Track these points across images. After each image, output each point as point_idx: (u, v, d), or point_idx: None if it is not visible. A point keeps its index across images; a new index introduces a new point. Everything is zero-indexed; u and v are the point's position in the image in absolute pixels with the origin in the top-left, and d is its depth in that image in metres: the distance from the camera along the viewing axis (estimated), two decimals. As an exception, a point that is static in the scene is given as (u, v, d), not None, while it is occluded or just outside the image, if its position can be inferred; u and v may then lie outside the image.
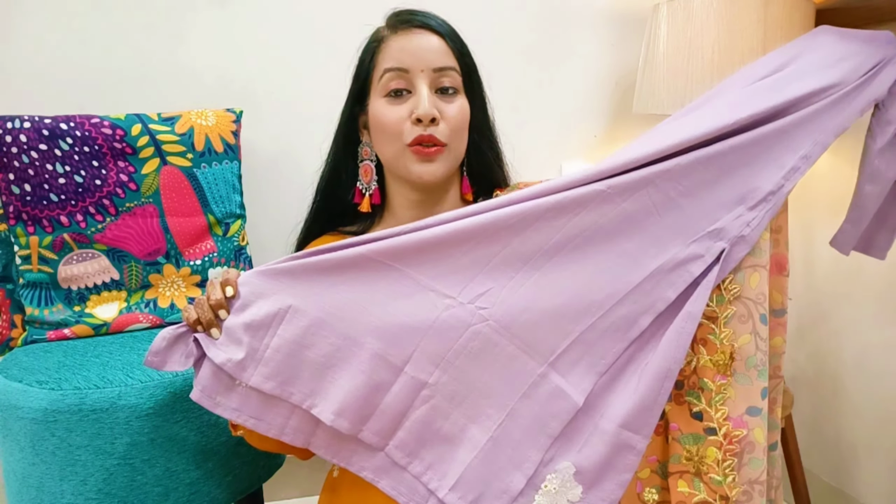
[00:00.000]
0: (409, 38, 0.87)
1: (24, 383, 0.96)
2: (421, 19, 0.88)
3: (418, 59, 0.86)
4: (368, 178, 0.93)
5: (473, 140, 0.92)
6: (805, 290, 1.51)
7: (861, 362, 1.40)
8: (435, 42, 0.87)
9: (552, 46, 1.61)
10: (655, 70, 1.36)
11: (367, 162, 0.94)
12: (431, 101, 0.84)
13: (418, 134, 0.84)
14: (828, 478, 1.48)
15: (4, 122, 1.10)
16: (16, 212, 1.12)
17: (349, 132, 0.95)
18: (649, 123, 1.68)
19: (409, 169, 0.86)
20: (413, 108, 0.85)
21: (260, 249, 1.38)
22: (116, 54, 1.37)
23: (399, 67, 0.86)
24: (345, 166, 0.96)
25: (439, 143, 0.85)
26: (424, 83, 0.85)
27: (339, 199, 0.96)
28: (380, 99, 0.88)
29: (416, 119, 0.84)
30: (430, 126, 0.84)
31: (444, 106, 0.86)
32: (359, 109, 0.94)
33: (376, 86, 0.89)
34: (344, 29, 1.48)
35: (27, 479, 0.97)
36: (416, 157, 0.85)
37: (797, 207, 1.53)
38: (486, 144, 0.95)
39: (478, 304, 0.72)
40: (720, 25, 1.25)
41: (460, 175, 0.96)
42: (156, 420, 0.97)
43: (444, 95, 0.87)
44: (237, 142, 1.29)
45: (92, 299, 1.18)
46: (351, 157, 0.96)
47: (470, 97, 0.91)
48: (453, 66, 0.88)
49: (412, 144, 0.85)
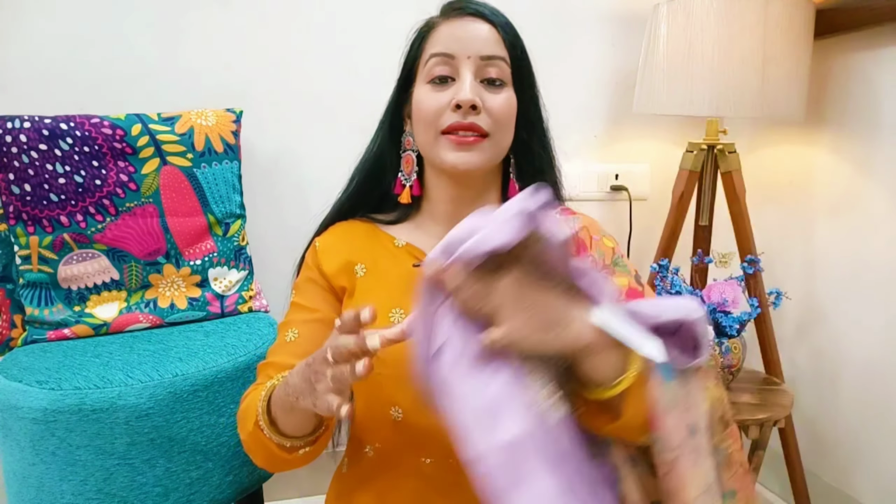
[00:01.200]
0: (459, 24, 0.83)
1: (24, 383, 0.96)
2: (474, 7, 0.84)
3: (465, 46, 0.82)
4: (409, 168, 0.89)
5: (521, 138, 0.87)
6: (805, 290, 1.52)
7: (861, 362, 1.40)
8: (485, 30, 0.83)
9: (552, 46, 1.61)
10: (655, 70, 1.36)
11: (409, 152, 0.89)
12: (474, 88, 0.80)
13: (456, 121, 0.80)
14: (828, 478, 1.48)
15: (4, 122, 1.10)
16: (16, 212, 1.12)
17: (394, 120, 0.90)
18: (649, 123, 1.69)
19: (442, 157, 0.82)
20: (454, 94, 0.81)
21: (260, 249, 1.38)
22: (116, 54, 1.37)
23: (445, 53, 0.82)
24: (389, 155, 0.91)
25: (480, 132, 0.80)
26: (469, 70, 0.81)
27: (377, 186, 0.92)
28: (423, 85, 0.84)
29: (455, 105, 0.80)
30: (471, 114, 0.80)
31: (488, 96, 0.82)
32: (405, 98, 0.89)
33: (422, 71, 0.85)
34: (344, 29, 1.49)
35: (27, 479, 0.97)
36: (451, 144, 0.81)
37: (797, 207, 1.53)
38: (536, 144, 0.89)
39: None
40: (720, 25, 1.25)
41: (503, 174, 0.91)
42: (156, 420, 0.97)
43: (489, 86, 0.82)
44: (237, 142, 1.29)
45: (92, 299, 1.18)
46: (395, 146, 0.91)
47: (519, 91, 0.85)
48: (503, 55, 0.83)
49: (447, 131, 0.81)
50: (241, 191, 1.29)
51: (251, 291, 1.31)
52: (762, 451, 1.32)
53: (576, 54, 1.64)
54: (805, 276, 1.52)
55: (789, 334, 1.56)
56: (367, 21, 1.48)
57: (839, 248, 1.43)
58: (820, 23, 1.34)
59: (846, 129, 1.39)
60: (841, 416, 1.45)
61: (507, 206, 0.58)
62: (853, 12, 1.30)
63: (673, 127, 1.72)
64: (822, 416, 1.49)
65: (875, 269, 1.35)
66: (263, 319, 1.25)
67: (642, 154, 1.73)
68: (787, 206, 1.56)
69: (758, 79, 1.26)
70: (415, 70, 0.87)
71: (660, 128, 1.72)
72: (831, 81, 1.41)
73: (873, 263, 1.35)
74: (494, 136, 0.82)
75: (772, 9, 1.24)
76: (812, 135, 1.48)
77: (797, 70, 1.29)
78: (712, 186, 1.46)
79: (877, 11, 1.25)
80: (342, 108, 1.50)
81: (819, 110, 1.44)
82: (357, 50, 1.49)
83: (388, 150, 0.91)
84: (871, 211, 1.35)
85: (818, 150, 1.47)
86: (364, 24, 1.48)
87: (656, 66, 1.36)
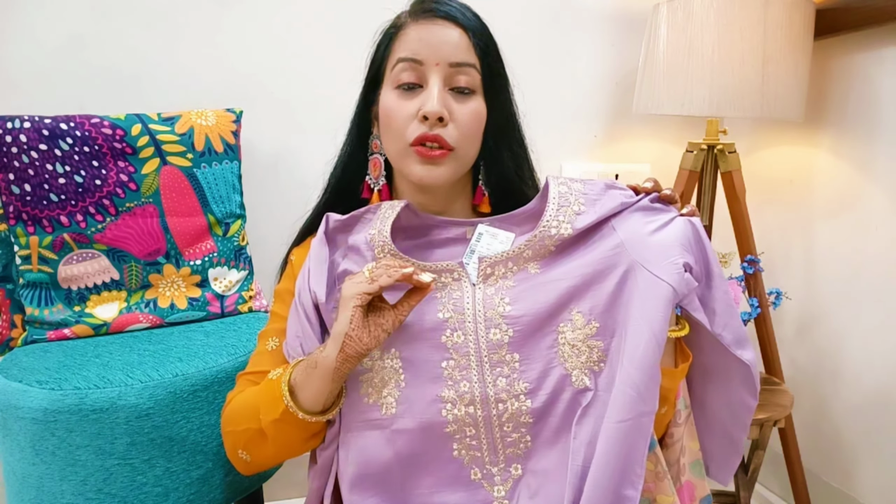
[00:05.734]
0: (428, 28, 0.80)
1: (24, 383, 0.96)
2: (445, 9, 0.81)
3: (434, 52, 0.79)
4: (377, 172, 0.88)
5: (489, 145, 0.85)
6: (805, 290, 1.52)
7: (861, 362, 1.40)
8: (455, 35, 0.80)
9: (552, 46, 1.61)
10: (655, 70, 1.36)
11: (377, 155, 0.88)
12: (441, 99, 0.78)
13: (422, 132, 0.78)
14: (828, 478, 1.48)
15: (4, 122, 1.10)
16: (16, 212, 1.12)
17: (361, 122, 0.89)
18: (649, 123, 1.69)
19: (410, 169, 0.81)
20: (422, 104, 0.79)
21: (260, 249, 1.38)
22: (116, 54, 1.37)
23: (413, 58, 0.79)
24: (356, 158, 0.90)
25: (445, 146, 0.79)
26: (438, 78, 0.79)
27: (348, 191, 0.91)
28: (390, 91, 0.82)
29: (422, 116, 0.78)
30: (437, 126, 0.78)
31: (455, 106, 0.80)
32: (372, 99, 0.87)
33: (388, 75, 0.83)
34: (344, 28, 1.49)
35: (27, 479, 0.97)
36: (418, 157, 0.80)
37: (797, 207, 1.53)
38: (505, 153, 0.87)
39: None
40: (720, 25, 1.25)
41: (473, 181, 0.90)
42: (156, 420, 0.97)
43: (458, 95, 0.80)
44: (237, 142, 1.29)
45: (92, 299, 1.18)
46: (362, 149, 0.90)
47: (489, 100, 0.83)
48: (473, 62, 0.80)
49: (415, 143, 0.79)
50: (241, 191, 1.29)
51: (251, 291, 1.31)
52: (762, 451, 1.31)
53: (576, 54, 1.64)
54: (805, 276, 1.52)
55: (789, 334, 1.56)
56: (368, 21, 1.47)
57: (839, 248, 1.43)
58: (820, 23, 1.34)
59: (846, 129, 1.40)
60: (841, 416, 1.45)
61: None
62: (853, 12, 1.30)
63: (673, 127, 1.72)
64: (822, 416, 1.49)
65: (875, 269, 1.35)
66: (263, 319, 1.25)
67: (642, 154, 1.73)
68: (787, 206, 1.56)
69: (758, 79, 1.26)
70: (382, 72, 0.85)
71: (660, 128, 1.72)
72: (831, 81, 1.41)
73: (873, 263, 1.35)
74: (459, 150, 0.81)
75: (772, 9, 1.24)
76: (812, 135, 1.48)
77: (797, 70, 1.29)
78: (712, 186, 1.46)
79: (877, 11, 1.25)
80: (342, 108, 1.48)
81: (819, 110, 1.44)
82: (357, 50, 1.48)
83: (357, 154, 0.90)
84: (871, 211, 1.35)
85: (818, 150, 1.47)
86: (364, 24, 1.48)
87: (656, 66, 1.36)
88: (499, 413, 0.73)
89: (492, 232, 0.80)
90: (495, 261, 0.77)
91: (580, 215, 0.76)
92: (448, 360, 0.74)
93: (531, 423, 0.73)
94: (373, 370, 0.76)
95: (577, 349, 0.73)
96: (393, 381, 0.75)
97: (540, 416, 0.73)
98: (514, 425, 0.73)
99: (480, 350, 0.74)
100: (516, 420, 0.73)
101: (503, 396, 0.73)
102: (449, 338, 0.75)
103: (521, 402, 0.73)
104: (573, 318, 0.74)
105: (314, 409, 0.74)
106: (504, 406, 0.73)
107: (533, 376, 0.73)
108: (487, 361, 0.74)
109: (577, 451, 0.70)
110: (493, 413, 0.73)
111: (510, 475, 0.74)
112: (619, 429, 0.67)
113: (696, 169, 1.45)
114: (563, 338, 0.74)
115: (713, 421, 0.83)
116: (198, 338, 1.15)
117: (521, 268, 0.77)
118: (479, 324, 0.75)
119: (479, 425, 0.73)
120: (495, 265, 0.77)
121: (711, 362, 0.79)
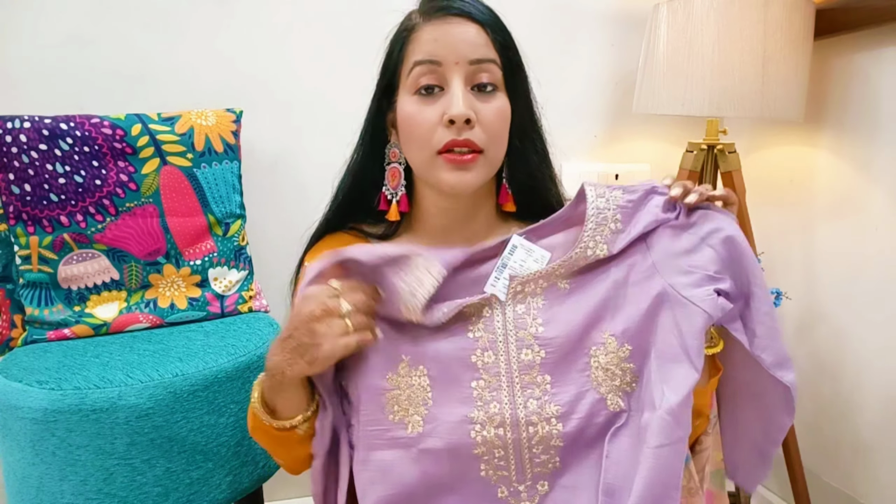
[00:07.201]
0: (443, 26, 0.76)
1: (24, 383, 0.96)
2: (458, 5, 0.77)
3: (453, 51, 0.75)
4: (396, 182, 0.84)
5: (514, 145, 0.82)
6: (805, 290, 1.51)
7: (861, 362, 1.40)
8: (472, 31, 0.76)
9: (552, 46, 1.61)
10: (655, 70, 1.36)
11: (395, 165, 0.84)
12: (466, 100, 0.75)
13: (451, 138, 0.75)
14: (828, 478, 1.48)
15: (4, 122, 1.10)
16: (16, 212, 1.12)
17: (376, 131, 0.85)
18: (649, 123, 1.69)
19: (439, 178, 0.77)
20: (445, 107, 0.75)
21: (260, 249, 1.38)
22: (116, 54, 1.37)
23: (430, 60, 0.76)
24: (370, 169, 0.86)
25: (475, 149, 0.76)
26: (459, 78, 0.75)
27: (362, 202, 0.87)
28: (409, 96, 0.78)
29: (448, 120, 0.74)
30: (465, 129, 0.75)
31: (480, 105, 0.76)
32: (386, 106, 0.83)
33: (405, 81, 0.79)
34: (344, 28, 1.49)
35: (27, 479, 0.97)
36: (448, 164, 0.76)
37: (797, 207, 1.53)
38: (530, 150, 0.84)
39: None
40: (720, 25, 1.25)
41: (497, 182, 0.86)
42: (156, 420, 0.97)
43: (481, 93, 0.77)
44: (237, 142, 1.29)
45: (92, 299, 1.18)
46: (377, 160, 0.85)
47: (512, 95, 0.80)
48: (493, 58, 0.77)
49: (443, 151, 0.76)
50: (241, 191, 1.29)
51: (251, 291, 1.31)
52: (762, 451, 1.31)
53: (576, 54, 1.64)
54: (805, 276, 1.52)
55: (789, 334, 1.56)
56: (368, 21, 1.48)
57: (839, 248, 1.43)
58: (820, 23, 1.34)
59: (846, 129, 1.39)
60: (841, 415, 1.45)
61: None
62: (853, 12, 1.30)
63: (673, 127, 1.72)
64: (822, 416, 1.49)
65: (875, 269, 1.35)
66: (263, 319, 1.25)
67: (642, 154, 1.73)
68: (787, 206, 1.56)
69: (758, 79, 1.26)
70: (397, 78, 0.81)
71: (660, 128, 1.72)
72: (831, 81, 1.41)
73: (873, 263, 1.35)
74: (489, 152, 0.78)
75: (772, 9, 1.24)
76: (812, 135, 1.48)
77: (797, 70, 1.29)
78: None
79: (877, 11, 1.25)
80: (343, 108, 1.49)
81: (819, 110, 1.44)
82: (358, 49, 1.49)
83: (371, 165, 0.86)
84: (871, 211, 1.35)
85: (818, 150, 1.47)
86: (365, 23, 1.48)
87: (656, 66, 1.36)
88: (529, 436, 0.71)
89: (527, 247, 0.76)
90: (527, 279, 0.74)
91: (616, 234, 0.73)
92: (478, 379, 0.72)
93: (561, 447, 0.71)
94: (399, 387, 0.73)
95: (611, 373, 0.71)
96: (420, 398, 0.72)
97: (572, 440, 0.71)
98: (543, 447, 0.71)
99: (511, 371, 0.72)
100: (546, 443, 0.71)
101: (534, 419, 0.71)
102: (479, 357, 0.72)
103: (552, 425, 0.70)
104: (605, 340, 0.72)
105: (291, 415, 0.75)
106: (535, 429, 0.71)
107: (565, 399, 0.71)
108: (518, 382, 0.72)
109: (608, 469, 0.69)
110: (524, 436, 0.71)
111: (536, 492, 0.72)
112: (657, 454, 0.66)
113: (696, 169, 1.45)
114: (597, 361, 0.71)
115: (744, 435, 0.81)
116: (198, 338, 1.15)
117: (551, 283, 0.74)
118: (510, 344, 0.72)
119: (507, 447, 0.71)
120: (526, 283, 0.74)
121: (747, 379, 0.76)
